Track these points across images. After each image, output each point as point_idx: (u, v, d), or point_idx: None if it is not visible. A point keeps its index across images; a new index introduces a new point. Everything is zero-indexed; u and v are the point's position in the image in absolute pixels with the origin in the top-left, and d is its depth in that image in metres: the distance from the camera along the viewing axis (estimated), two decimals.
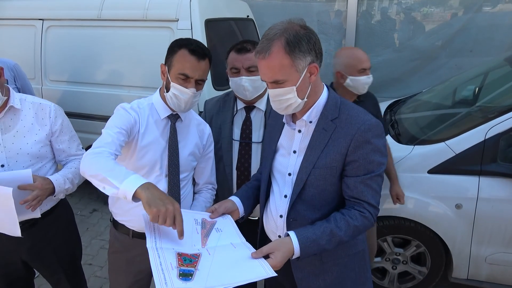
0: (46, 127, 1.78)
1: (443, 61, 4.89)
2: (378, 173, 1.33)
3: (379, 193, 1.36)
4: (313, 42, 1.26)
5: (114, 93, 3.55)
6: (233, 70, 1.85)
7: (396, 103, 3.61)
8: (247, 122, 1.94)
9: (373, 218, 1.34)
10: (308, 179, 1.35)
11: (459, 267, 2.54)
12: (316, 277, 1.46)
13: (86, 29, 3.62)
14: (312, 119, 1.36)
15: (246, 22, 4.16)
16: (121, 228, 1.75)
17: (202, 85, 1.61)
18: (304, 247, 1.27)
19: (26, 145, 1.72)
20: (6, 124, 1.68)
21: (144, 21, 3.34)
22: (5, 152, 1.67)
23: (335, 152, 1.31)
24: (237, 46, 1.85)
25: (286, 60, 1.23)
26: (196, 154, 1.75)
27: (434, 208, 2.44)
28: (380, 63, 5.12)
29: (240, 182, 1.95)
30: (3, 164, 1.66)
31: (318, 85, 1.35)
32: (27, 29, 3.84)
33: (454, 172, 2.39)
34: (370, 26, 5.19)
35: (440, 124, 2.74)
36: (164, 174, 1.66)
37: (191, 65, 1.53)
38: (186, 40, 1.57)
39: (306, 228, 1.32)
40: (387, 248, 2.67)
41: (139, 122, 1.60)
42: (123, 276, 1.79)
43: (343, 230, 1.30)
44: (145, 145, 1.61)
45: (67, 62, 3.75)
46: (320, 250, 1.32)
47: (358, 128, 1.28)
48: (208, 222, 1.47)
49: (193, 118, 1.77)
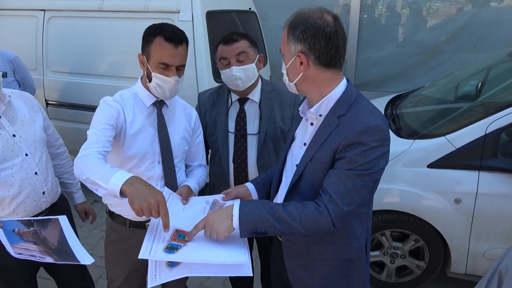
0: (39, 113, 1.82)
1: (446, 56, 4.86)
2: (359, 173, 1.20)
3: (352, 195, 1.21)
4: (310, 34, 1.22)
5: (115, 84, 3.54)
6: (223, 62, 1.83)
7: (398, 97, 3.59)
8: (241, 114, 1.93)
9: (330, 216, 1.21)
10: (304, 171, 1.34)
11: (457, 262, 2.54)
12: (305, 271, 1.44)
13: (87, 20, 3.61)
14: (322, 113, 1.32)
15: (248, 15, 4.14)
16: (118, 219, 1.76)
17: (183, 70, 1.60)
18: (243, 210, 1.26)
19: (36, 131, 1.76)
20: (9, 115, 1.69)
21: (145, 12, 3.33)
22: (23, 142, 1.69)
23: (327, 148, 1.27)
24: (224, 38, 1.85)
25: (285, 37, 1.29)
26: (187, 138, 1.76)
27: (433, 202, 2.43)
28: (383, 57, 5.10)
29: (237, 175, 1.95)
30: (27, 153, 1.69)
31: (322, 80, 1.29)
32: (28, 19, 3.83)
33: (454, 167, 2.38)
34: (373, 20, 5.16)
35: (441, 119, 2.72)
36: (156, 161, 1.67)
37: (169, 53, 1.51)
38: (160, 27, 1.54)
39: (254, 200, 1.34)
40: (385, 242, 2.67)
41: (123, 113, 1.60)
42: (121, 266, 1.80)
43: (288, 211, 1.23)
44: (133, 134, 1.62)
45: (68, 53, 3.75)
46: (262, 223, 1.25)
47: (354, 127, 1.21)
48: (218, 203, 1.51)
49: (178, 103, 1.77)
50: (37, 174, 1.71)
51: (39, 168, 1.73)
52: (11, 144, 1.65)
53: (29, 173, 1.68)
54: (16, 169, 1.64)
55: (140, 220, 1.69)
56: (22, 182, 1.66)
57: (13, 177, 1.63)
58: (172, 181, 1.69)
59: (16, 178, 1.64)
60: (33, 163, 1.70)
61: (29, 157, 1.69)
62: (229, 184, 1.97)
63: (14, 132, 1.67)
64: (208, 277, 2.91)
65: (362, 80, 5.27)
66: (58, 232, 1.29)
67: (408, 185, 2.45)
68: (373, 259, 2.74)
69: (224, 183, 1.98)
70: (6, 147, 1.63)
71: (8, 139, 1.64)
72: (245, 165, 1.93)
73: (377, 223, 2.58)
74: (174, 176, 1.70)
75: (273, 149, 1.95)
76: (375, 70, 5.18)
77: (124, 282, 1.82)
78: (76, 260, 1.26)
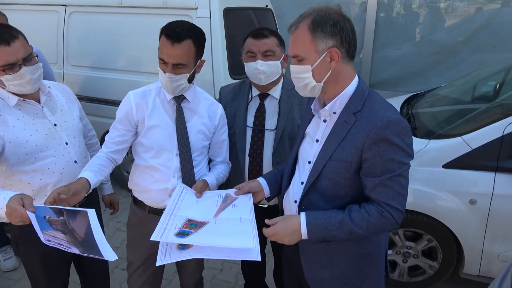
0: (75, 104, 1.90)
1: (464, 56, 4.79)
2: (399, 173, 1.25)
3: (402, 194, 1.28)
4: (340, 27, 1.23)
5: (133, 79, 3.61)
6: (249, 55, 1.86)
7: (413, 97, 3.57)
8: (261, 109, 1.96)
9: (394, 219, 1.28)
10: (323, 170, 1.34)
11: (470, 263, 2.52)
12: (323, 268, 1.46)
13: (107, 16, 3.68)
14: (336, 110, 1.33)
15: (264, 12, 4.15)
16: (140, 204, 1.84)
17: (186, 69, 1.60)
18: (311, 227, 1.29)
19: (74, 121, 1.83)
20: (50, 105, 1.77)
21: (163, 8, 3.38)
22: (63, 131, 1.76)
23: (351, 147, 1.27)
24: (254, 32, 1.88)
25: (307, 37, 1.24)
26: (206, 133, 1.79)
27: (448, 202, 2.42)
28: (399, 56, 5.05)
29: (251, 169, 1.98)
30: (67, 142, 1.76)
31: (344, 75, 1.30)
32: (50, 14, 3.92)
33: (470, 167, 2.36)
34: (390, 19, 5.12)
35: (458, 119, 2.70)
36: (174, 153, 1.72)
37: (166, 49, 1.56)
38: (168, 24, 1.58)
39: (318, 211, 1.33)
40: (398, 241, 2.67)
41: (143, 105, 1.69)
42: (139, 249, 1.88)
43: (355, 222, 1.27)
44: (152, 126, 1.69)
45: (88, 48, 3.83)
46: (330, 236, 1.31)
47: (376, 124, 1.22)
48: (230, 197, 1.56)
49: (203, 98, 1.80)
50: (76, 162, 1.79)
51: (78, 157, 1.80)
52: (53, 132, 1.72)
53: (69, 161, 1.76)
54: (58, 157, 1.71)
55: (158, 207, 1.77)
56: (63, 170, 1.73)
57: (55, 164, 1.70)
58: (189, 174, 1.74)
59: (58, 166, 1.71)
60: (73, 151, 1.78)
61: (69, 146, 1.76)
62: (244, 177, 2.01)
63: (55, 121, 1.74)
64: (221, 270, 2.95)
65: (378, 79, 5.24)
66: (85, 225, 1.32)
67: (423, 184, 2.45)
68: None
69: (239, 176, 2.01)
70: (48, 135, 1.70)
71: (50, 128, 1.72)
72: (260, 160, 1.96)
73: None
74: (191, 169, 1.74)
75: (289, 146, 1.97)
76: (391, 69, 5.13)
77: (140, 266, 1.90)
78: (100, 255, 1.30)
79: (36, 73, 1.62)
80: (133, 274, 1.93)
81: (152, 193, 1.76)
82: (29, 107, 1.69)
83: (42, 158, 1.66)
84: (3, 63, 1.52)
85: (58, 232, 1.32)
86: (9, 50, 1.52)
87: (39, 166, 1.66)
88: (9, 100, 1.64)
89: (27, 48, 1.59)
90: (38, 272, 1.83)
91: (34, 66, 1.60)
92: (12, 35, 1.54)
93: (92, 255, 1.31)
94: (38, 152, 1.65)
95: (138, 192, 1.82)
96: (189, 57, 1.59)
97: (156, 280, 1.98)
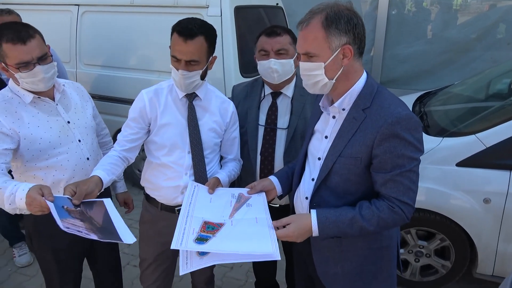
0: (88, 102, 1.93)
1: (477, 54, 4.73)
2: (409, 169, 1.25)
3: (413, 189, 1.29)
4: (353, 24, 1.23)
5: (144, 77, 3.64)
6: (262, 53, 1.86)
7: (426, 95, 3.53)
8: (273, 108, 1.95)
9: (405, 214, 1.29)
10: (333, 166, 1.34)
11: (484, 263, 2.49)
12: (335, 263, 1.47)
13: (119, 15, 3.71)
14: (345, 107, 1.34)
15: (275, 10, 4.14)
16: (152, 201, 1.85)
17: (198, 66, 1.61)
18: (322, 226, 1.30)
19: (87, 119, 1.86)
20: (64, 103, 1.80)
21: (175, 7, 3.40)
22: (77, 128, 1.79)
23: (361, 143, 1.28)
24: (267, 30, 1.87)
25: (321, 34, 1.23)
26: (218, 131, 1.79)
27: (461, 201, 2.39)
28: (411, 54, 5.00)
29: (263, 167, 1.98)
30: (79, 139, 1.79)
31: (354, 71, 1.30)
32: (63, 14, 3.97)
33: (484, 166, 2.33)
34: (402, 16, 5.07)
35: (472, 117, 2.66)
36: (187, 151, 1.73)
37: (178, 47, 1.56)
38: (179, 21, 1.59)
39: (328, 209, 1.34)
40: (410, 240, 2.65)
41: (156, 103, 1.70)
42: (151, 246, 1.90)
43: (366, 219, 1.28)
44: (164, 124, 1.70)
45: (100, 47, 3.87)
46: (341, 233, 1.32)
47: (385, 120, 1.23)
48: (244, 197, 1.55)
49: (215, 96, 1.81)
50: (89, 159, 1.82)
51: (91, 154, 1.83)
52: (66, 130, 1.75)
53: (82, 158, 1.79)
54: (71, 154, 1.75)
55: (170, 204, 1.79)
56: (76, 166, 1.76)
57: (68, 161, 1.74)
58: (201, 171, 1.75)
59: (71, 163, 1.74)
60: (85, 148, 1.81)
61: (81, 143, 1.80)
62: (255, 175, 2.00)
63: (68, 119, 1.78)
64: (232, 268, 2.97)
65: (389, 77, 5.19)
66: (103, 212, 1.37)
67: (436, 183, 2.42)
68: None
69: (251, 175, 2.01)
70: (62, 132, 1.73)
71: (63, 125, 1.75)
72: (272, 159, 1.96)
73: None
74: (203, 166, 1.75)
75: (301, 145, 1.96)
76: (403, 67, 5.08)
77: (153, 263, 1.91)
78: (119, 239, 1.33)
79: (50, 72, 1.64)
80: (145, 271, 1.95)
81: (164, 191, 1.77)
82: (43, 105, 1.72)
83: (55, 154, 1.70)
84: (18, 61, 1.55)
85: (77, 220, 1.34)
86: (25, 49, 1.54)
87: (52, 162, 1.69)
88: (24, 97, 1.66)
89: (42, 48, 1.61)
90: (51, 267, 1.86)
91: (48, 65, 1.62)
92: (29, 34, 1.56)
93: (111, 240, 1.34)
94: (52, 149, 1.69)
95: (151, 189, 1.84)
96: (202, 54, 1.59)
97: (168, 277, 2.00)
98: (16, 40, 1.52)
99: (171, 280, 2.04)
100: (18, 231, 3.07)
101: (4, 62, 1.57)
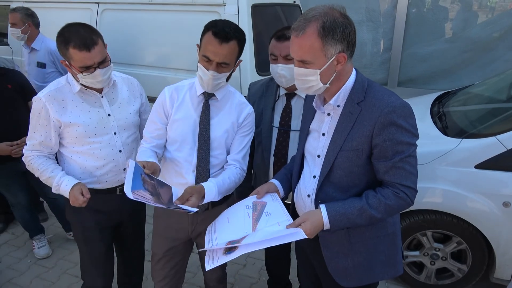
0: (138, 99, 2.03)
1: (499, 53, 4.61)
2: (408, 154, 1.32)
3: (414, 173, 1.35)
4: (347, 32, 1.27)
5: (162, 75, 3.68)
6: (272, 57, 1.87)
7: (445, 95, 3.46)
8: (287, 109, 1.95)
9: (410, 198, 1.35)
10: (335, 161, 1.39)
11: (502, 268, 2.44)
12: (345, 256, 1.50)
13: (138, 13, 3.75)
14: (340, 103, 1.39)
15: (292, 8, 4.13)
16: None
17: (227, 68, 1.63)
18: (333, 219, 1.35)
19: (129, 114, 1.96)
20: (110, 97, 1.92)
21: (193, 5, 3.41)
22: (115, 121, 1.91)
23: (360, 135, 1.33)
24: (277, 33, 1.85)
25: (317, 43, 1.26)
26: (231, 132, 1.79)
27: (480, 204, 2.35)
28: (430, 53, 4.91)
29: (276, 168, 1.99)
30: (115, 132, 1.90)
31: (346, 73, 1.37)
32: (83, 12, 4.04)
33: (504, 169, 2.28)
34: (421, 14, 4.97)
35: (492, 118, 2.61)
36: (196, 148, 1.74)
37: (212, 48, 1.57)
38: (215, 22, 1.60)
39: (337, 202, 1.39)
40: (426, 242, 2.61)
41: (175, 98, 1.74)
42: (162, 240, 1.93)
43: (373, 207, 1.34)
44: (177, 119, 1.73)
45: (119, 44, 3.91)
46: (351, 224, 1.37)
47: (382, 110, 1.29)
48: (258, 203, 1.55)
49: (233, 97, 1.80)
50: (121, 152, 1.92)
51: (124, 147, 1.93)
52: (105, 122, 1.88)
53: (114, 150, 1.90)
54: (104, 145, 1.88)
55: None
56: (107, 156, 1.89)
57: (100, 150, 1.87)
58: (204, 170, 1.74)
59: (103, 152, 1.88)
60: (119, 141, 1.92)
61: (116, 136, 1.91)
62: (268, 176, 2.02)
63: (110, 111, 1.89)
64: (245, 265, 2.98)
65: (407, 76, 5.11)
66: (169, 195, 1.53)
67: (453, 185, 2.38)
68: (412, 259, 2.69)
69: (264, 175, 2.03)
70: (100, 123, 1.86)
71: (103, 117, 1.88)
72: (285, 160, 1.96)
73: (418, 223, 2.53)
74: (206, 166, 1.74)
75: None
76: (422, 66, 4.99)
77: (162, 258, 1.93)
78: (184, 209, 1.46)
79: (107, 73, 1.80)
80: (155, 266, 1.97)
81: (175, 186, 1.77)
82: (89, 95, 1.86)
83: (89, 143, 1.85)
84: (82, 65, 1.71)
85: (147, 193, 1.45)
86: (89, 56, 1.69)
87: (86, 149, 1.85)
88: (74, 87, 1.83)
89: (103, 53, 1.76)
90: (82, 247, 2.04)
91: (107, 68, 1.78)
92: (93, 41, 1.70)
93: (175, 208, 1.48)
94: (86, 137, 1.84)
95: None
96: (233, 57, 1.62)
97: (178, 275, 2.00)
98: (83, 47, 1.67)
99: (181, 279, 2.05)
100: (38, 223, 3.16)
101: (69, 62, 1.73)
